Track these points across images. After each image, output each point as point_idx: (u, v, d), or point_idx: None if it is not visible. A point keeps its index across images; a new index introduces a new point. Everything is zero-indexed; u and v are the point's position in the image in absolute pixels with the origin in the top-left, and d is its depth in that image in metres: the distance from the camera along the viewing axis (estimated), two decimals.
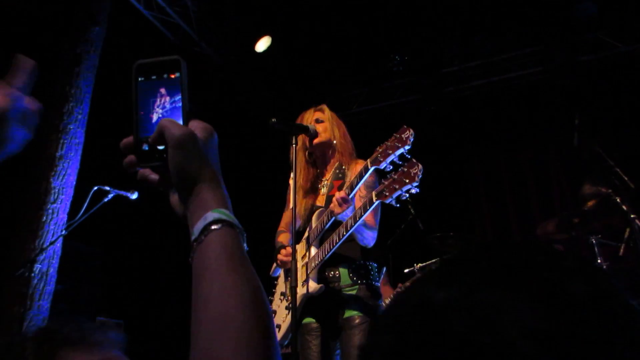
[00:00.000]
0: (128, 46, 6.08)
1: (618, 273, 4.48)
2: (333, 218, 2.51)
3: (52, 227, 4.59)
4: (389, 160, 2.31)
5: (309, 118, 2.93)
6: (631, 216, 4.32)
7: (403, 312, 0.51)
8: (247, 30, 6.43)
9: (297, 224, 2.68)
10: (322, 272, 2.66)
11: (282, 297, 2.84)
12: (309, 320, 2.70)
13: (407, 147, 2.27)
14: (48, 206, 4.63)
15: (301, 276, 2.65)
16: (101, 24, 5.37)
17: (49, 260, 4.48)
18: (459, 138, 7.07)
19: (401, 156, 2.30)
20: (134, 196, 4.07)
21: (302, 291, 2.56)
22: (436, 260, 4.69)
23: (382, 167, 2.33)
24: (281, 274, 2.97)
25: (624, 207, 4.34)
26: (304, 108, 3.09)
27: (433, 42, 6.65)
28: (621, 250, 4.53)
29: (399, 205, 2.27)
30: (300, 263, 2.71)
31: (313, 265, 2.61)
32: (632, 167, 5.82)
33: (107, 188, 3.96)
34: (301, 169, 2.88)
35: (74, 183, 4.87)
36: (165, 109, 0.82)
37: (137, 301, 6.29)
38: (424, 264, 4.69)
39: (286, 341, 2.75)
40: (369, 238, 2.63)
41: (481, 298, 0.45)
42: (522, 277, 0.47)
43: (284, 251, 2.70)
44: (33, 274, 4.27)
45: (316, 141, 2.87)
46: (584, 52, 6.38)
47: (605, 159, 5.77)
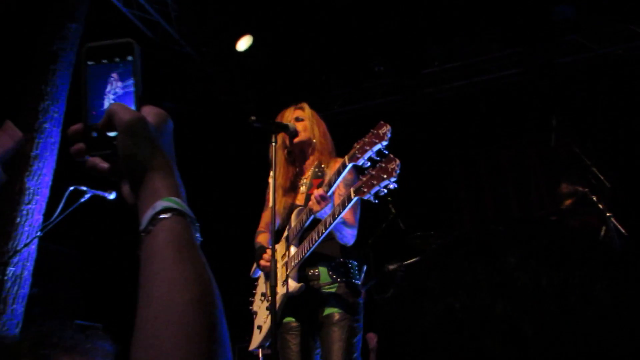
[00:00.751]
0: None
1: None
2: (312, 216, 2.49)
3: (27, 229, 4.49)
4: (367, 156, 2.29)
5: (289, 116, 2.91)
6: (607, 215, 4.38)
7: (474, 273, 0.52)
8: (228, 29, 6.38)
9: (277, 223, 2.66)
10: (302, 271, 2.64)
11: (263, 298, 2.82)
12: (289, 319, 2.68)
13: (385, 143, 2.26)
14: (22, 207, 4.53)
15: (281, 276, 2.63)
16: (78, 21, 5.27)
17: (23, 262, 4.38)
18: (439, 138, 7.11)
19: (379, 152, 2.28)
20: (112, 196, 3.99)
21: (282, 291, 2.54)
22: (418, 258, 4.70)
23: (360, 164, 2.31)
24: (261, 275, 2.94)
25: (600, 206, 4.40)
26: (285, 108, 3.06)
27: (414, 43, 6.67)
28: None
29: (378, 201, 2.25)
30: (280, 263, 2.69)
31: (293, 264, 2.59)
32: (608, 167, 5.92)
33: (84, 188, 3.88)
34: (280, 168, 2.86)
35: (50, 183, 4.77)
36: (117, 95, 0.78)
37: (116, 304, 6.19)
38: (404, 263, 4.70)
39: (268, 342, 2.72)
40: (349, 236, 2.62)
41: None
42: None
43: (266, 256, 2.67)
44: (6, 277, 4.16)
45: (296, 140, 2.85)
46: (562, 55, 6.46)
47: (582, 159, 5.85)
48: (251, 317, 2.91)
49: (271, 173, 2.70)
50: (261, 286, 2.90)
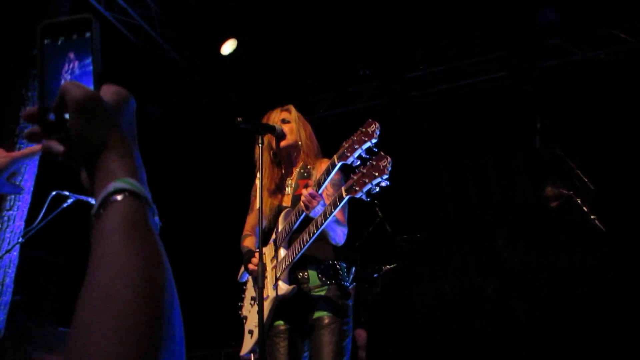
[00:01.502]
0: None
1: None
2: (302, 216, 2.47)
3: (8, 235, 4.41)
4: (356, 154, 2.27)
5: (275, 117, 2.89)
6: (591, 217, 4.42)
7: None
8: (212, 32, 6.35)
9: (263, 225, 2.63)
10: (292, 274, 2.61)
11: (253, 302, 2.78)
12: (278, 322, 2.65)
13: (374, 141, 2.24)
14: (3, 213, 4.44)
15: (271, 279, 2.60)
16: None
17: (5, 269, 4.29)
18: (425, 142, 7.13)
19: (368, 150, 2.26)
20: None
21: (273, 294, 2.51)
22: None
23: (350, 162, 2.29)
24: (250, 279, 2.90)
25: (585, 209, 4.44)
26: (271, 109, 3.04)
27: (399, 47, 6.70)
28: None
29: (369, 199, 2.23)
30: (269, 265, 2.66)
31: (283, 266, 2.56)
32: (592, 170, 5.98)
33: (67, 193, 3.81)
34: (266, 169, 2.83)
35: (32, 189, 4.69)
36: (74, 75, 0.73)
37: None
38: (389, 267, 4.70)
39: (258, 348, 2.69)
40: (341, 235, 2.60)
41: None
42: None
43: (255, 260, 2.64)
44: None
45: (283, 143, 2.83)
46: (546, 58, 6.52)
47: (566, 162, 5.91)
48: (240, 322, 2.87)
49: (258, 174, 2.67)
50: (250, 290, 2.87)
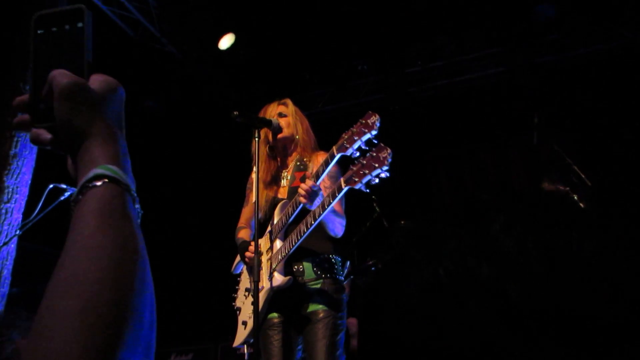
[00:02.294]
0: None
1: None
2: (299, 208, 2.47)
3: (6, 228, 4.42)
4: (356, 146, 2.27)
5: (272, 111, 2.90)
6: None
7: None
8: (210, 27, 6.34)
9: (258, 217, 2.64)
10: (288, 267, 2.62)
11: (247, 293, 2.79)
12: (273, 315, 2.66)
13: (374, 132, 2.23)
14: (1, 206, 4.45)
15: (266, 270, 2.61)
16: None
17: (3, 261, 4.30)
18: (422, 137, 7.14)
19: (368, 142, 2.26)
20: None
21: (268, 285, 2.52)
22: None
23: (349, 154, 2.29)
24: (244, 270, 2.91)
25: (581, 205, 4.45)
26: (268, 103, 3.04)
27: (397, 43, 6.69)
28: None
29: (369, 190, 2.23)
30: (264, 257, 2.67)
31: (279, 257, 2.57)
32: (589, 166, 5.99)
33: (64, 186, 3.82)
34: (262, 162, 2.84)
35: (29, 182, 4.70)
36: (66, 64, 0.74)
37: None
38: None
39: (252, 339, 2.69)
40: (339, 226, 2.61)
41: None
42: None
43: (252, 248, 2.64)
44: None
45: (280, 136, 2.84)
46: (543, 54, 6.53)
47: (563, 157, 5.92)
48: (234, 314, 2.88)
49: (254, 168, 2.68)
50: (245, 282, 2.88)
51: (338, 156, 2.34)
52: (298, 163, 2.84)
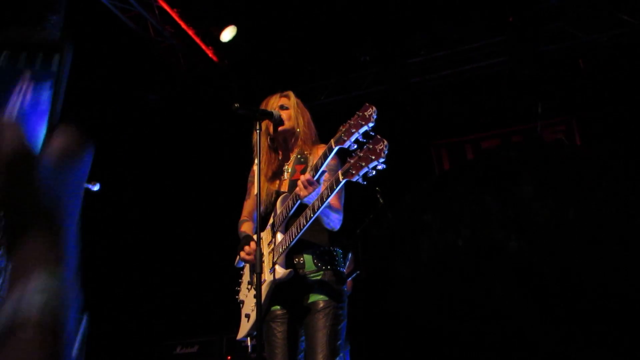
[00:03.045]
0: (88, 37, 5.90)
1: None
2: (298, 202, 2.48)
3: None
4: (353, 138, 2.28)
5: (274, 103, 2.89)
6: None
7: None
8: (212, 19, 6.32)
9: (260, 210, 2.64)
10: (289, 259, 2.63)
11: (250, 286, 2.80)
12: (275, 307, 2.67)
13: (371, 125, 2.24)
14: None
15: (268, 263, 2.61)
16: (58, 13, 5.19)
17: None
18: (426, 127, 7.12)
19: (365, 134, 2.26)
20: (96, 188, 3.95)
21: (270, 278, 2.53)
22: None
23: (347, 146, 2.30)
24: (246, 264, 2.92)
25: None
26: (270, 95, 3.03)
27: (399, 33, 6.66)
28: None
29: (366, 182, 2.23)
30: (266, 250, 2.67)
31: (280, 250, 2.57)
32: (593, 154, 5.97)
33: None
34: (264, 154, 2.84)
35: None
36: (26, 103, 0.59)
37: (100, 295, 6.15)
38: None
39: (255, 331, 2.70)
40: (335, 221, 2.61)
41: None
42: None
43: (248, 249, 2.65)
44: None
45: (280, 129, 2.83)
46: (547, 42, 6.47)
47: (567, 147, 5.89)
48: (238, 307, 2.89)
49: (255, 160, 2.68)
50: (246, 274, 2.89)
51: (336, 149, 2.35)
52: (299, 156, 2.84)
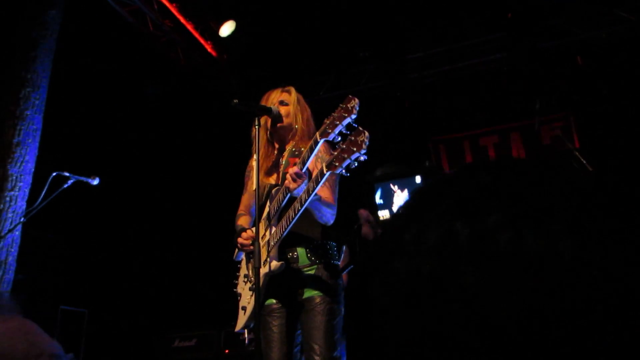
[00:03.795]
0: (87, 31, 5.92)
1: None
2: (289, 195, 2.50)
3: (10, 215, 4.47)
4: (337, 130, 2.30)
5: (275, 98, 2.90)
6: None
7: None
8: (211, 14, 6.33)
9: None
10: (282, 253, 2.65)
11: (246, 279, 2.82)
12: (270, 301, 2.68)
13: (354, 116, 2.26)
14: (5, 194, 4.50)
15: (262, 256, 2.63)
16: (57, 7, 5.20)
17: (8, 248, 4.36)
18: (424, 123, 7.14)
19: (349, 126, 2.28)
20: (95, 182, 3.97)
21: (264, 270, 2.55)
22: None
23: (331, 139, 2.32)
24: (243, 257, 2.94)
25: None
26: (272, 89, 3.03)
27: (398, 29, 6.67)
28: None
29: (349, 174, 2.26)
30: (261, 242, 2.69)
31: (272, 243, 2.59)
32: (591, 151, 5.99)
33: (67, 174, 3.86)
34: (262, 148, 2.86)
35: (32, 170, 4.74)
36: None
37: (100, 290, 6.19)
38: None
39: (252, 323, 2.73)
40: (328, 214, 2.61)
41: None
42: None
43: (245, 234, 2.67)
44: None
45: (279, 125, 2.84)
46: (546, 39, 6.49)
47: (564, 143, 5.92)
48: (236, 301, 2.92)
49: (254, 155, 2.69)
50: (243, 268, 2.91)
51: (321, 141, 2.37)
52: (294, 149, 2.85)
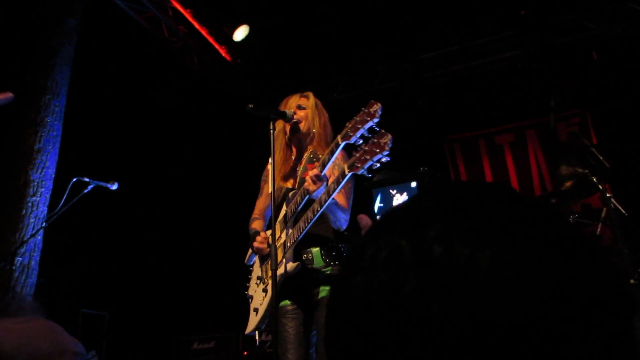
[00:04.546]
0: (105, 39, 6.03)
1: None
2: (307, 197, 2.52)
3: (32, 220, 4.57)
4: (359, 134, 2.34)
5: (293, 103, 2.93)
6: (607, 195, 4.40)
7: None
8: (225, 19, 6.39)
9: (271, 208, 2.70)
10: (297, 255, 2.67)
11: (259, 281, 2.85)
12: (285, 302, 2.70)
13: (376, 120, 2.30)
14: (27, 199, 4.61)
15: (278, 257, 2.65)
16: (76, 16, 5.31)
17: (30, 253, 4.47)
18: (439, 123, 7.13)
19: (370, 129, 2.32)
20: (114, 187, 4.05)
21: (280, 271, 2.57)
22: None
23: (353, 142, 2.35)
24: (256, 260, 2.97)
25: (601, 187, 4.42)
26: (284, 97, 3.07)
27: (411, 29, 6.67)
28: (598, 229, 4.62)
29: (371, 175, 2.29)
30: (276, 244, 2.72)
31: (289, 244, 2.62)
32: (607, 147, 5.93)
33: (87, 179, 3.94)
34: (280, 151, 2.90)
35: (53, 175, 4.85)
36: None
37: (121, 293, 6.28)
38: None
39: (264, 325, 2.77)
40: (342, 220, 2.64)
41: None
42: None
43: (259, 237, 2.71)
44: (14, 267, 4.26)
45: (296, 129, 2.87)
46: (560, 35, 6.43)
47: (581, 140, 5.87)
48: (247, 302, 2.95)
49: (270, 160, 2.73)
50: (256, 270, 2.93)
51: (342, 144, 2.40)
52: (311, 155, 2.88)
